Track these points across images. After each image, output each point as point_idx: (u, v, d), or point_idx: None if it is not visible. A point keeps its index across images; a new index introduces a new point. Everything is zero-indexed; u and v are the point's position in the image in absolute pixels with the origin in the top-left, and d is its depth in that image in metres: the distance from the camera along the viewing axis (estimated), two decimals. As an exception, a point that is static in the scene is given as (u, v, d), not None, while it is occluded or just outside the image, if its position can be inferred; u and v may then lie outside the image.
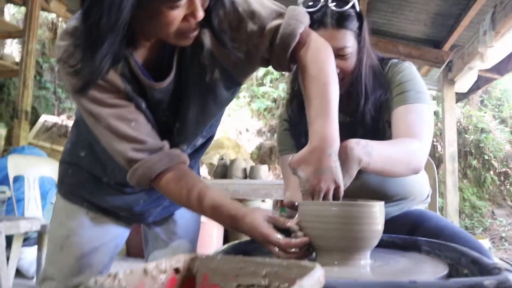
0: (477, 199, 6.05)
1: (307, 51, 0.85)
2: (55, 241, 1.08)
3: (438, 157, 6.06)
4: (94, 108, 0.83)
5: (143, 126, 0.86)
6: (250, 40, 0.86)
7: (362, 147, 0.84)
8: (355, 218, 0.70)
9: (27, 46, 4.14)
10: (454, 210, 3.90)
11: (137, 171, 0.85)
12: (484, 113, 6.67)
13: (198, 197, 0.83)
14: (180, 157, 0.89)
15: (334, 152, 0.76)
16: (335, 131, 0.78)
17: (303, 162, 0.77)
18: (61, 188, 1.10)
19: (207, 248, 3.26)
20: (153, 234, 1.18)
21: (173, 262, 0.54)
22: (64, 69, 0.81)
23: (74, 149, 1.07)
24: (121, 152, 0.85)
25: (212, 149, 4.23)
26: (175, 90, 0.90)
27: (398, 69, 1.11)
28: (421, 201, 1.21)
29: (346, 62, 1.07)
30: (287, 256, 0.72)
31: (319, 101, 0.81)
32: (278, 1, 0.90)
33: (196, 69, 0.88)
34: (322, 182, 0.74)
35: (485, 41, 2.85)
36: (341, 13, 1.04)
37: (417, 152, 0.97)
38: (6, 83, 6.02)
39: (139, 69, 0.84)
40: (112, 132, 0.84)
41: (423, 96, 1.06)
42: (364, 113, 1.09)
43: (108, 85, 0.83)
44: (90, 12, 0.69)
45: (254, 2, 0.86)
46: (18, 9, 6.61)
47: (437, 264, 0.73)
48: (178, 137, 0.95)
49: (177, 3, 0.71)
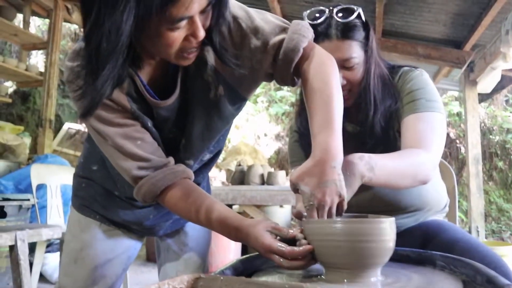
0: (504, 202, 5.86)
1: (310, 64, 0.84)
2: (69, 254, 1.10)
3: (461, 159, 5.92)
4: (101, 127, 0.84)
5: (149, 144, 0.87)
6: (254, 56, 0.86)
7: (365, 162, 0.83)
8: (364, 236, 0.68)
9: (51, 57, 4.27)
10: (479, 214, 3.78)
11: (143, 188, 0.86)
12: (510, 113, 6.47)
13: (205, 212, 0.83)
14: (185, 172, 0.90)
15: (338, 165, 0.75)
16: (339, 144, 0.77)
17: (306, 175, 0.75)
18: (75, 201, 1.12)
19: (224, 259, 3.27)
20: (165, 245, 1.20)
21: (176, 282, 0.54)
22: (71, 91, 0.82)
23: (86, 163, 1.09)
24: (127, 170, 0.86)
25: (230, 156, 4.24)
26: (180, 107, 0.90)
27: (409, 77, 1.09)
28: (438, 211, 1.17)
29: (353, 73, 1.05)
30: (291, 265, 0.71)
31: (322, 113, 0.80)
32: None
33: (200, 86, 0.88)
34: (327, 196, 0.72)
35: (508, 41, 2.77)
36: (345, 24, 1.03)
37: (424, 164, 0.94)
38: (32, 93, 6.22)
39: (145, 88, 0.85)
40: (118, 150, 0.85)
41: (435, 105, 1.03)
42: (373, 124, 1.07)
43: (114, 105, 0.84)
44: (90, 37, 0.69)
45: (257, 17, 0.86)
46: (43, 21, 6.82)
47: (451, 281, 0.70)
48: (184, 153, 0.95)
49: (177, 25, 0.71)
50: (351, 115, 1.13)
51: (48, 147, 4.18)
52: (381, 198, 1.08)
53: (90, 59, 0.72)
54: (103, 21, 0.66)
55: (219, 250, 3.27)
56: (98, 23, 0.67)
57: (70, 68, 0.82)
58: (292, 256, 0.71)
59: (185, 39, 0.75)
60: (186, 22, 0.72)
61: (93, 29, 0.68)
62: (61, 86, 6.13)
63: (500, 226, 5.62)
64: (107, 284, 1.09)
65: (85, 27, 0.70)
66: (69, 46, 6.93)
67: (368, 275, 0.70)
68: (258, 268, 0.83)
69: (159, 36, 0.72)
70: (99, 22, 0.67)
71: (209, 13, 0.75)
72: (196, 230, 1.19)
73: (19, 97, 6.23)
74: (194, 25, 0.73)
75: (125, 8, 0.65)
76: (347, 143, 1.12)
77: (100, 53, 0.69)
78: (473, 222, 3.74)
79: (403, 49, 3.86)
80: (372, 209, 1.06)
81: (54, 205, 2.74)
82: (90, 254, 1.07)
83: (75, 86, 0.80)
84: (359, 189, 1.09)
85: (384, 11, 3.50)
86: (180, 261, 1.16)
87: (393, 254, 0.72)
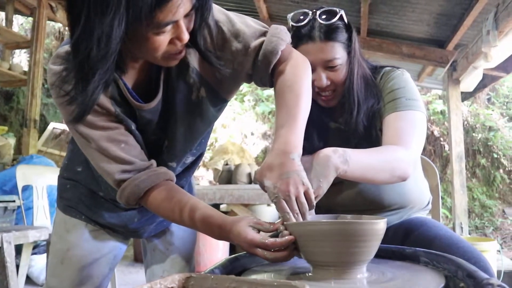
0: (487, 198, 5.99)
1: (286, 65, 0.89)
2: (56, 255, 1.10)
3: (445, 157, 6.02)
4: (85, 130, 0.84)
5: (132, 147, 0.88)
6: (236, 58, 0.89)
7: (338, 155, 0.85)
8: (356, 236, 0.69)
9: (35, 56, 4.21)
10: (463, 210, 3.86)
11: (126, 190, 0.87)
12: (492, 111, 6.61)
13: (189, 212, 0.84)
14: (167, 174, 0.91)
15: (297, 157, 0.77)
16: (299, 139, 0.80)
17: (267, 170, 0.77)
18: (60, 203, 1.12)
19: (212, 258, 3.27)
20: (151, 245, 1.20)
21: (168, 282, 0.55)
22: (57, 96, 0.81)
23: (71, 164, 1.10)
24: (110, 173, 0.86)
25: (217, 155, 4.25)
26: (163, 109, 0.91)
27: (390, 77, 1.11)
28: (421, 209, 1.20)
29: (336, 73, 1.08)
30: (275, 257, 0.72)
31: (288, 109, 0.83)
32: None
33: (183, 88, 0.90)
34: (291, 185, 0.73)
35: (489, 41, 2.83)
36: (328, 26, 1.05)
37: (402, 160, 0.96)
38: (16, 92, 6.11)
39: (128, 91, 0.86)
40: (102, 153, 0.85)
41: (415, 103, 1.06)
42: (357, 123, 1.10)
43: (99, 108, 0.84)
44: (79, 44, 0.69)
45: (238, 21, 0.89)
46: (26, 19, 6.70)
47: (434, 276, 0.72)
48: (168, 154, 0.97)
49: (162, 29, 0.72)
50: (335, 114, 1.16)
51: (33, 148, 4.12)
52: (364, 196, 1.11)
53: (80, 66, 0.72)
54: (92, 28, 0.67)
55: (207, 250, 3.27)
56: (88, 30, 0.67)
57: (55, 72, 0.82)
58: (274, 247, 0.72)
59: (170, 42, 0.76)
60: (171, 26, 0.74)
61: (82, 36, 0.68)
62: (45, 86, 6.04)
63: (483, 222, 5.74)
64: (94, 284, 1.09)
65: (73, 34, 0.70)
66: (54, 45, 6.83)
67: (355, 272, 0.71)
68: (246, 267, 0.84)
69: (145, 40, 0.73)
70: (88, 29, 0.67)
71: (192, 16, 0.77)
72: (182, 230, 1.20)
73: (2, 96, 6.12)
74: (179, 29, 0.74)
75: (115, 15, 0.66)
76: (331, 141, 1.15)
77: (90, 60, 0.69)
78: (457, 218, 3.82)
79: (388, 49, 3.92)
80: (356, 207, 1.09)
81: (41, 206, 2.71)
82: (76, 255, 1.07)
83: (62, 91, 0.79)
84: (343, 187, 1.12)
85: (369, 11, 3.55)
86: (166, 261, 1.17)
87: (378, 251, 0.74)
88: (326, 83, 1.07)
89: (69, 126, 0.87)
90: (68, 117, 0.81)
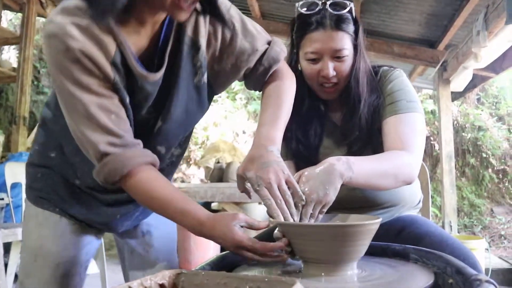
0: (475, 197, 6.06)
1: (277, 75, 0.99)
2: (28, 251, 1.01)
3: (435, 156, 6.08)
4: (76, 91, 0.78)
5: (122, 121, 0.83)
6: (241, 55, 0.93)
7: (342, 162, 0.86)
8: (349, 237, 0.69)
9: (24, 52, 4.16)
10: (452, 209, 3.90)
11: (108, 165, 0.80)
12: (481, 111, 6.68)
13: (169, 203, 0.82)
14: (154, 158, 0.86)
15: (276, 151, 0.81)
16: (279, 136, 0.86)
17: (248, 163, 0.81)
18: (30, 194, 1.03)
19: (203, 256, 3.26)
20: (128, 248, 1.14)
21: (158, 278, 0.55)
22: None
23: (43, 150, 1.01)
24: (94, 144, 0.80)
25: (208, 153, 4.24)
26: (163, 85, 0.88)
27: (389, 78, 1.13)
28: (412, 207, 1.21)
29: (343, 64, 1.09)
30: (264, 259, 0.73)
31: (272, 111, 0.91)
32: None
33: (188, 68, 0.90)
34: (271, 173, 0.77)
35: (479, 41, 2.86)
36: (339, 16, 1.07)
37: (407, 165, 0.98)
38: (4, 89, 6.02)
39: (133, 57, 0.82)
40: (89, 120, 0.79)
41: (415, 105, 1.08)
42: (360, 116, 1.10)
43: (97, 70, 0.79)
44: None
45: (250, 24, 0.95)
46: (15, 15, 6.61)
47: (424, 273, 0.73)
48: (158, 136, 0.92)
49: None
50: (335, 108, 1.17)
51: (22, 145, 4.07)
52: (356, 194, 1.11)
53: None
54: None
55: (198, 248, 3.26)
56: None
57: (62, 21, 0.76)
58: (264, 251, 0.72)
59: None
60: None
61: None
62: (35, 82, 5.97)
63: (472, 221, 5.80)
64: (71, 282, 1.02)
65: None
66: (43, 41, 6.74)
67: (345, 269, 0.72)
68: (237, 264, 0.84)
69: None
70: None
71: None
72: (160, 230, 1.14)
73: (-9, 93, 6.04)
74: None
75: None
76: (331, 135, 1.16)
77: None
78: (446, 217, 3.86)
79: (379, 48, 3.94)
80: (347, 205, 1.09)
81: (29, 204, 2.68)
82: (51, 251, 0.99)
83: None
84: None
85: (361, 10, 3.56)
86: (147, 265, 1.11)
87: (369, 248, 0.75)
88: (332, 73, 1.08)
89: (59, 84, 0.79)
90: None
